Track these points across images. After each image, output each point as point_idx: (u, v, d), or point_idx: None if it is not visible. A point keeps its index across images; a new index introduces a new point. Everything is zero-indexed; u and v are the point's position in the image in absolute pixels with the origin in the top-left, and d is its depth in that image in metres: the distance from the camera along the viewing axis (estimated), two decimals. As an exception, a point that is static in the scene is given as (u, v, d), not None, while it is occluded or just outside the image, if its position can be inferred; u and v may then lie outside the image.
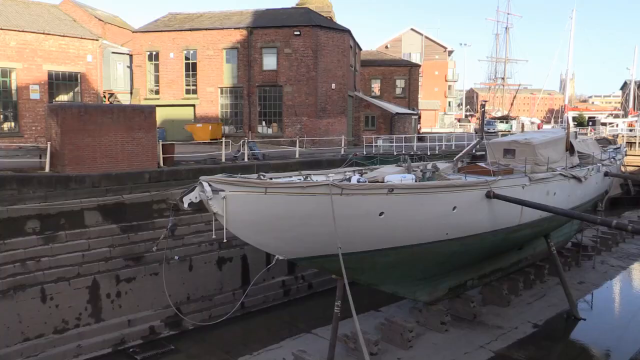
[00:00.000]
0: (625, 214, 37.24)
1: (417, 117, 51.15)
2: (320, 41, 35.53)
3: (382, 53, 65.76)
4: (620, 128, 59.78)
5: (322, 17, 40.02)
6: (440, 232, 13.93)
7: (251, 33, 36.17)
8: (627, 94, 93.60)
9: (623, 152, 33.30)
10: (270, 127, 36.78)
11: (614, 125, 64.83)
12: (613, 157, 27.47)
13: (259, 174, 12.42)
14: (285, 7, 41.86)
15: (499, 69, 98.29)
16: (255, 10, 40.26)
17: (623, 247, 28.88)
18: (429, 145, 32.52)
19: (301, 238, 11.56)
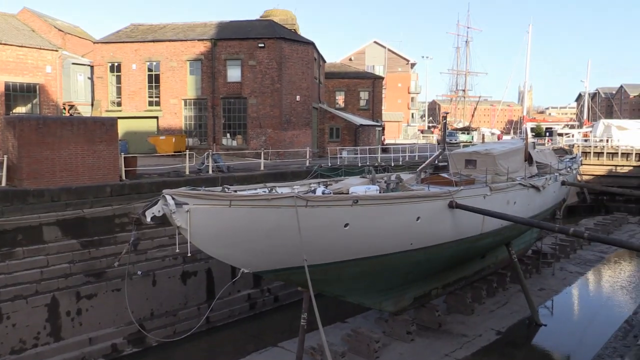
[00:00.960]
0: (582, 222, 38.44)
1: (381, 128, 51.70)
2: (284, 53, 35.67)
3: (346, 65, 66.40)
4: (575, 138, 61.67)
5: (286, 29, 40.19)
6: (404, 243, 14.09)
7: (215, 45, 36.04)
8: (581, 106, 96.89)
9: (579, 162, 34.42)
10: (234, 139, 36.61)
11: (569, 135, 66.83)
12: (569, 167, 28.36)
13: (223, 187, 12.33)
14: (249, 19, 41.86)
15: (460, 81, 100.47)
16: (220, 22, 40.15)
17: (581, 253, 29.77)
18: (392, 157, 32.91)
19: (267, 250, 11.52)
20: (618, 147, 50.06)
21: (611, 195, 43.55)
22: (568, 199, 28.69)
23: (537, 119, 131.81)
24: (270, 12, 49.42)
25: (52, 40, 32.66)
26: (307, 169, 25.61)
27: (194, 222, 10.00)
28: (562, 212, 28.11)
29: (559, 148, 49.56)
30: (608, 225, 36.49)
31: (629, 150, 48.64)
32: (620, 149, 49.23)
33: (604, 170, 48.14)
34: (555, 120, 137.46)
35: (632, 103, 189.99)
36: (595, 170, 47.89)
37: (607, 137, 55.85)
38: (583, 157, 45.37)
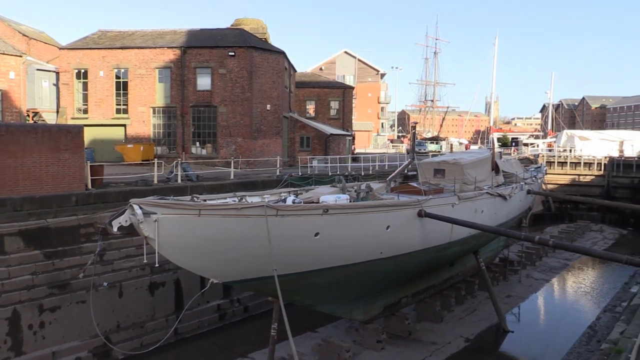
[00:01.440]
0: (547, 229, 39.33)
1: (351, 137, 52.01)
2: (255, 62, 35.61)
3: (316, 75, 66.68)
4: (540, 148, 63.15)
5: (257, 38, 40.17)
6: (374, 251, 14.14)
7: (185, 52, 35.76)
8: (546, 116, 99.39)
9: (543, 171, 35.25)
10: (204, 147, 36.28)
11: (535, 145, 68.37)
12: (535, 176, 29.00)
13: (192, 196, 12.19)
14: (220, 28, 41.67)
15: (428, 92, 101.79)
16: (190, 30, 39.87)
17: (546, 260, 30.42)
18: (363, 166, 33.10)
19: (236, 260, 11.41)
20: (581, 157, 51.46)
21: (574, 203, 44.73)
22: (533, 208, 29.34)
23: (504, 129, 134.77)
24: (240, 21, 49.30)
25: (16, 46, 31.90)
26: (277, 178, 25.54)
27: (162, 232, 9.84)
28: (528, 220, 28.72)
29: (524, 158, 50.67)
30: (572, 233, 37.44)
31: (591, 160, 50.05)
32: (582, 159, 50.61)
33: (567, 179, 49.41)
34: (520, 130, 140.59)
35: (594, 114, 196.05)
36: (559, 179, 49.12)
37: (570, 147, 57.37)
38: (547, 166, 46.47)
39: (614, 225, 42.61)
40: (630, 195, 45.13)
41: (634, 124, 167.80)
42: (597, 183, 48.23)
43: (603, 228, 41.53)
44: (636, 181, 45.83)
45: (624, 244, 36.86)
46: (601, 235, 38.81)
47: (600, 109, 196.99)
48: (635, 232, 40.81)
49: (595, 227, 41.61)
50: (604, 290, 25.63)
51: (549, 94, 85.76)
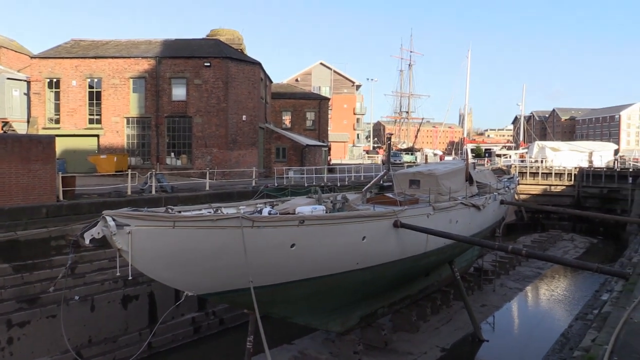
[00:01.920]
0: (520, 239, 39.90)
1: (327, 148, 52.17)
2: (230, 73, 35.55)
3: (292, 86, 66.85)
4: (513, 159, 64.10)
5: (232, 49, 40.15)
6: (350, 262, 14.15)
7: (160, 63, 35.51)
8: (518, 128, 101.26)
9: (516, 182, 35.82)
10: (179, 158, 35.97)
11: (507, 156, 69.40)
12: (507, 186, 29.44)
13: (166, 207, 12.05)
14: (195, 38, 41.55)
15: (403, 103, 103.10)
16: (165, 40, 39.63)
17: (519, 270, 30.82)
18: (339, 177, 33.20)
19: (212, 273, 11.29)
20: (552, 168, 52.48)
21: (546, 213, 45.47)
22: (507, 217, 29.75)
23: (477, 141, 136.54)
24: (216, 32, 49.25)
25: (-15, 55, 31.23)
26: (253, 189, 25.45)
27: (135, 244, 9.69)
28: (501, 230, 29.09)
29: (497, 168, 51.39)
30: (544, 242, 38.06)
31: (562, 170, 51.09)
32: (553, 169, 51.62)
33: (539, 189, 50.31)
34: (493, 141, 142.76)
35: (564, 126, 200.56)
36: (531, 189, 49.96)
37: (542, 158, 58.43)
38: (520, 177, 47.21)
39: (584, 234, 43.44)
40: (599, 205, 46.15)
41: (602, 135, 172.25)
42: (568, 193, 49.22)
43: (574, 237, 42.31)
44: (605, 191, 46.90)
45: (595, 252, 37.60)
46: (572, 244, 39.52)
47: (569, 120, 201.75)
48: (604, 241, 41.69)
49: (567, 236, 42.37)
50: (575, 298, 26.07)
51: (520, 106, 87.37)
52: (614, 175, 47.63)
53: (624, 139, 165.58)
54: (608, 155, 63.72)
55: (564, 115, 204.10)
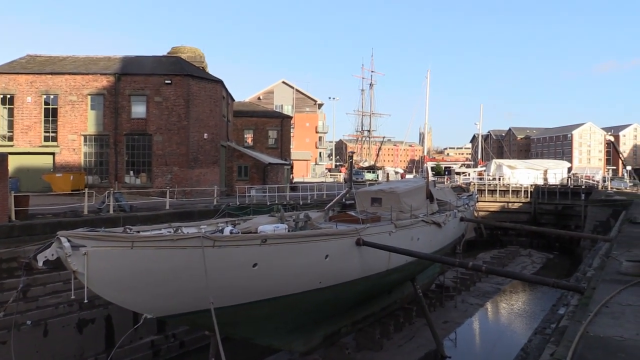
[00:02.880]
0: (479, 255, 40.59)
1: (289, 167, 52.12)
2: (192, 90, 35.27)
3: (254, 104, 66.81)
4: (471, 177, 65.57)
5: (194, 66, 39.90)
6: (313, 281, 14.07)
7: (119, 79, 34.94)
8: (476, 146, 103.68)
9: (475, 199, 36.56)
10: (138, 177, 35.28)
11: (466, 174, 70.93)
12: (467, 204, 29.99)
13: (125, 227, 11.74)
14: (156, 55, 41.13)
15: (365, 122, 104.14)
16: (125, 57, 39.07)
17: (480, 285, 31.29)
18: (301, 195, 33.15)
19: (171, 294, 11.02)
20: (509, 185, 53.88)
21: (504, 229, 46.50)
22: (467, 234, 30.24)
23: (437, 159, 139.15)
24: (177, 49, 48.89)
25: None
26: (214, 208, 25.11)
27: (92, 266, 9.38)
28: (461, 246, 29.52)
29: (457, 186, 52.46)
30: (503, 258, 38.84)
31: (519, 187, 52.52)
32: (511, 187, 53.01)
33: (497, 206, 51.50)
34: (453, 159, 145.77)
35: (520, 144, 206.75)
36: (489, 206, 51.09)
37: (499, 176, 59.95)
38: (479, 194, 48.25)
39: (541, 250, 44.55)
40: (554, 221, 47.58)
41: (556, 153, 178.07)
42: (525, 210, 50.57)
43: (531, 253, 43.33)
44: (560, 208, 48.39)
45: (551, 267, 38.56)
46: (530, 260, 40.43)
47: (525, 139, 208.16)
48: (560, 256, 42.84)
49: (524, 252, 43.34)
50: (534, 312, 26.59)
51: (478, 125, 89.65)
52: (567, 192, 49.29)
53: (576, 157, 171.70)
54: (562, 173, 65.98)
55: (519, 134, 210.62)
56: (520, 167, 64.62)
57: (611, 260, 12.90)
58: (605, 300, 8.80)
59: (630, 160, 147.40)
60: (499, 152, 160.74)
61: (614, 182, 58.76)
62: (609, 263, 12.68)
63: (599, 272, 11.96)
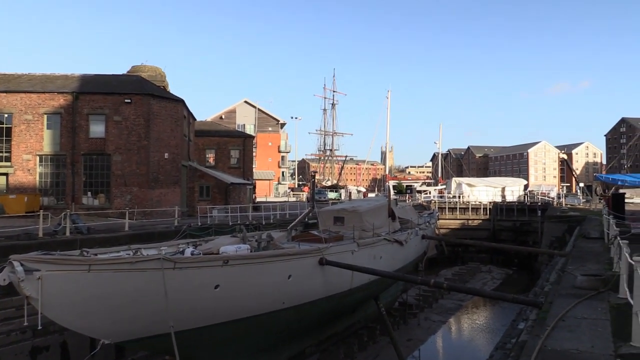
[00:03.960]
0: (441, 272, 41.05)
1: (252, 186, 51.86)
2: (152, 110, 34.84)
3: (216, 123, 66.44)
4: (432, 195, 66.56)
5: (155, 85, 39.47)
6: (276, 302, 13.96)
7: (77, 98, 34.21)
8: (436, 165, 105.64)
9: (436, 217, 37.09)
10: (96, 198, 34.42)
11: (427, 192, 71.96)
12: (428, 221, 30.40)
13: (81, 250, 11.43)
14: (116, 74, 40.54)
15: (327, 141, 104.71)
16: (83, 75, 38.35)
17: (442, 302, 31.59)
18: (264, 215, 32.96)
19: (130, 318, 10.74)
20: (469, 203, 54.94)
21: (465, 246, 47.20)
22: (428, 252, 30.59)
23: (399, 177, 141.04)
24: (138, 68, 48.31)
25: None
26: (175, 229, 24.69)
27: (46, 291, 9.08)
28: (424, 264, 29.84)
29: (418, 204, 53.13)
30: (464, 275, 39.38)
31: (478, 205, 53.60)
32: (470, 204, 54.05)
33: (457, 223, 52.36)
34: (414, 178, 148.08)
35: (478, 162, 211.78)
36: (450, 224, 51.89)
37: (459, 194, 61.08)
38: (439, 212, 48.94)
39: (500, 266, 45.36)
40: (513, 237, 48.67)
41: (513, 170, 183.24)
42: (484, 227, 51.58)
43: (491, 269, 44.08)
44: (517, 224, 49.59)
45: (511, 282, 39.30)
46: (490, 276, 41.12)
47: (483, 157, 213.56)
48: (519, 271, 43.73)
49: (485, 268, 44.05)
50: (495, 328, 26.99)
51: (438, 144, 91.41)
52: (525, 209, 50.58)
53: (532, 174, 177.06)
54: (519, 190, 67.73)
55: (478, 153, 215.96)
56: (479, 185, 66.02)
57: (567, 274, 13.27)
58: (562, 314, 9.03)
59: (583, 177, 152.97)
60: (458, 171, 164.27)
61: (568, 199, 60.66)
62: (564, 277, 13.03)
63: (555, 287, 12.27)
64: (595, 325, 8.35)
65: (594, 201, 51.83)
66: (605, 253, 16.76)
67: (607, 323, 8.49)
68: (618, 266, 11.83)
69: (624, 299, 9.32)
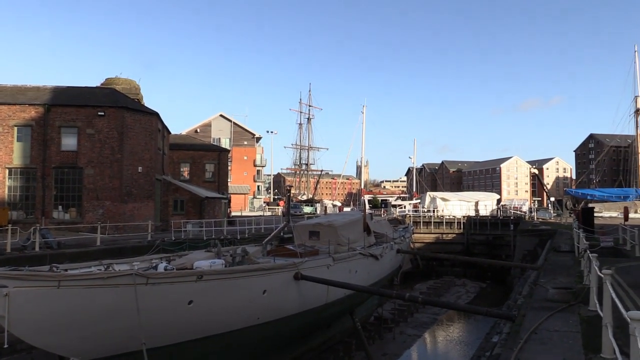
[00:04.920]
0: (416, 286, 41.21)
1: (227, 200, 51.52)
2: (126, 123, 34.45)
3: (191, 137, 65.99)
4: (407, 209, 67.09)
5: (129, 98, 39.10)
6: (251, 317, 13.83)
7: (49, 110, 33.65)
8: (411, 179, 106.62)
9: (411, 231, 37.33)
10: (68, 212, 33.75)
11: (402, 206, 72.48)
12: (403, 236, 30.56)
13: (51, 266, 11.14)
14: (89, 86, 40.03)
15: (303, 156, 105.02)
16: (55, 87, 37.79)
17: (417, 316, 31.68)
18: (239, 229, 32.74)
19: (101, 335, 10.50)
20: (443, 217, 55.48)
21: (439, 260, 47.57)
22: (403, 266, 30.73)
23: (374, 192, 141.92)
24: (112, 80, 47.89)
25: None
26: (148, 244, 24.35)
27: (14, 308, 8.82)
28: (399, 278, 29.93)
29: (393, 218, 53.38)
30: (439, 289, 39.63)
31: (452, 219, 54.17)
32: (444, 219, 54.59)
33: (432, 237, 52.78)
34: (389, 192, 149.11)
35: (452, 177, 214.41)
36: (425, 238, 52.28)
37: (434, 208, 61.66)
38: (414, 226, 49.29)
39: (475, 280, 45.78)
40: (486, 251, 49.24)
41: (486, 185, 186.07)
42: (458, 240, 52.11)
43: (465, 282, 44.45)
44: (491, 238, 50.23)
45: (484, 296, 39.66)
46: (464, 289, 41.44)
47: (457, 172, 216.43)
48: (493, 285, 44.18)
49: (459, 282, 44.39)
50: (469, 341, 27.14)
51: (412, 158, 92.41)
52: (497, 223, 51.30)
53: (505, 189, 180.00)
54: (492, 204, 68.72)
55: (452, 168, 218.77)
56: (453, 199, 66.77)
57: (539, 287, 13.48)
58: (534, 327, 9.15)
59: (554, 192, 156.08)
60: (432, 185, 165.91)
61: (540, 213, 61.75)
62: (537, 290, 13.23)
63: (528, 300, 12.45)
64: (567, 338, 8.48)
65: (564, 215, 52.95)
66: (576, 266, 17.10)
67: (578, 335, 8.64)
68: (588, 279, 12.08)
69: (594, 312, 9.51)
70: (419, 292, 35.59)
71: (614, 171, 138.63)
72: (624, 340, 6.34)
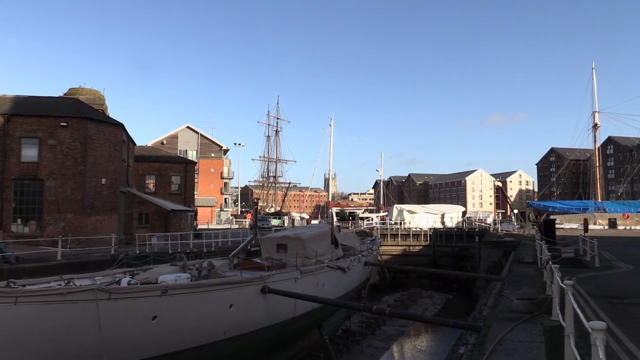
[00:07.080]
0: (384, 299, 41.37)
1: (193, 213, 50.86)
2: (89, 134, 33.74)
3: (157, 149, 65.10)
4: (374, 222, 67.55)
5: (93, 109, 38.33)
6: (217, 332, 13.62)
7: (8, 120, 32.67)
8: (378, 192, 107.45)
9: (378, 243, 37.52)
10: (27, 225, 32.70)
11: (369, 219, 72.95)
12: (371, 248, 30.69)
13: (8, 281, 10.77)
14: (51, 96, 39.07)
15: (271, 168, 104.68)
16: (16, 97, 36.74)
17: (385, 329, 31.76)
18: (205, 242, 32.32)
19: (62, 353, 10.16)
20: (410, 229, 56.06)
21: (407, 272, 47.97)
22: (371, 278, 30.82)
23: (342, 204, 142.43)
24: (75, 90, 46.90)
25: None
26: (112, 258, 23.80)
27: (-33, 326, 8.47)
28: (366, 290, 29.98)
29: (360, 231, 53.68)
30: (406, 301, 39.83)
31: (419, 231, 54.76)
32: (411, 231, 55.17)
33: (399, 250, 53.22)
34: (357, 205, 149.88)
35: (418, 190, 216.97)
36: (392, 250, 52.67)
37: (401, 220, 62.28)
38: (381, 238, 49.64)
39: (441, 291, 46.23)
40: (452, 263, 49.91)
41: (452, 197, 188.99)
42: (425, 252, 52.68)
43: (432, 294, 44.84)
44: (456, 249, 50.96)
45: (451, 307, 40.08)
46: (431, 301, 41.79)
47: (423, 185, 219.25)
48: (459, 296, 44.71)
49: (426, 294, 44.75)
50: (437, 352, 27.33)
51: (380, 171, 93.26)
52: (463, 235, 52.12)
53: (470, 201, 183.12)
54: (457, 216, 69.85)
55: (418, 180, 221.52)
56: (420, 212, 67.60)
57: (503, 298, 13.68)
58: (499, 338, 9.26)
59: (517, 204, 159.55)
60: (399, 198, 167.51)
61: (504, 225, 63.05)
62: (501, 301, 13.42)
63: (493, 311, 12.61)
64: (531, 348, 8.61)
65: (527, 227, 54.11)
66: (539, 277, 17.44)
67: (541, 345, 8.77)
68: (551, 290, 12.32)
69: (557, 322, 9.68)
70: (386, 305, 35.72)
71: (574, 184, 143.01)
72: (586, 350, 6.47)
